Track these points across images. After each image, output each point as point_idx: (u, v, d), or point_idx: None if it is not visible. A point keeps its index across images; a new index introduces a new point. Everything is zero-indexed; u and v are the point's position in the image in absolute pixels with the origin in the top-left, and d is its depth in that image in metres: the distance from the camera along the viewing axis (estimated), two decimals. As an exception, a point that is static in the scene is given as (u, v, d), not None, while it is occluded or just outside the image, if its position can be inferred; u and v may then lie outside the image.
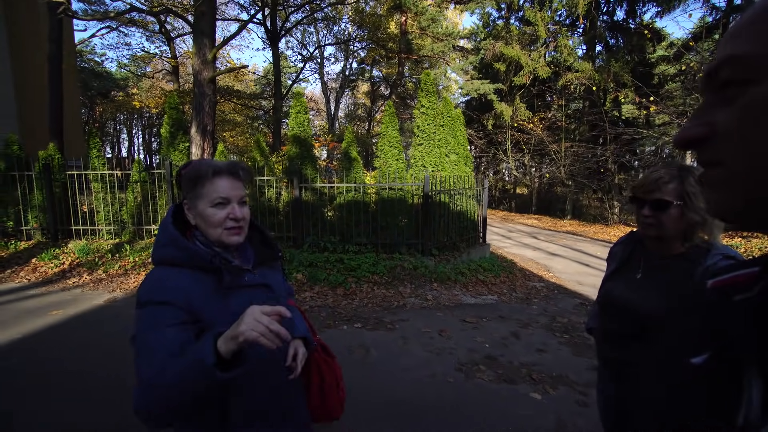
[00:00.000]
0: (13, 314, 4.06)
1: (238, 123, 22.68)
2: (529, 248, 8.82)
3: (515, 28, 14.54)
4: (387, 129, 6.26)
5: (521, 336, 3.82)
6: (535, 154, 15.43)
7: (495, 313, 4.47)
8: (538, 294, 5.34)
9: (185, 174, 0.99)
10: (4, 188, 6.26)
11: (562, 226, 12.77)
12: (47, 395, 2.61)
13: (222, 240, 0.97)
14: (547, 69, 13.30)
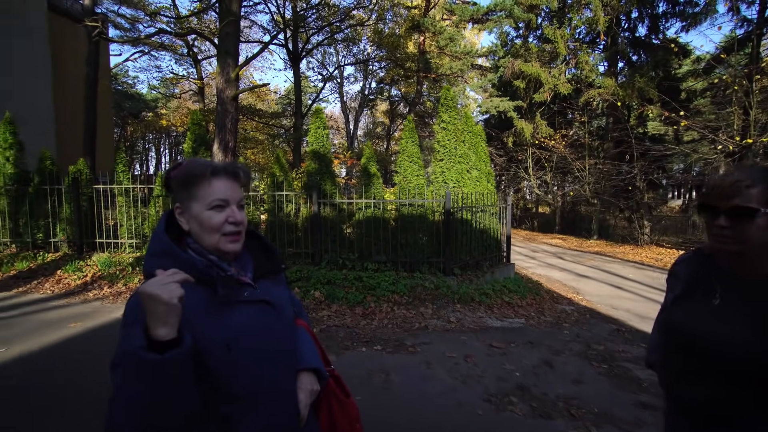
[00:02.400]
0: (34, 326, 4.06)
1: (259, 141, 23.23)
2: (555, 269, 8.44)
3: (534, 45, 14.49)
4: (407, 144, 6.18)
5: (554, 364, 3.53)
6: (557, 171, 15.07)
7: (523, 338, 4.18)
8: (569, 318, 5.01)
9: (176, 175, 0.88)
10: (36, 202, 6.45)
11: (589, 246, 12.26)
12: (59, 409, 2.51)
13: (219, 247, 0.87)
14: (568, 86, 13.11)
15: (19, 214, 6.55)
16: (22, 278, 5.67)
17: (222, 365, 0.81)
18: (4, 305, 4.73)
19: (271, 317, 0.91)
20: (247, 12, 16.13)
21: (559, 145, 13.77)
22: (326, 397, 1.04)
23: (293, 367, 0.95)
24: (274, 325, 0.91)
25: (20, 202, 6.54)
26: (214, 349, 0.80)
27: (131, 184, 6.27)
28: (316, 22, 17.29)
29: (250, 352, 0.84)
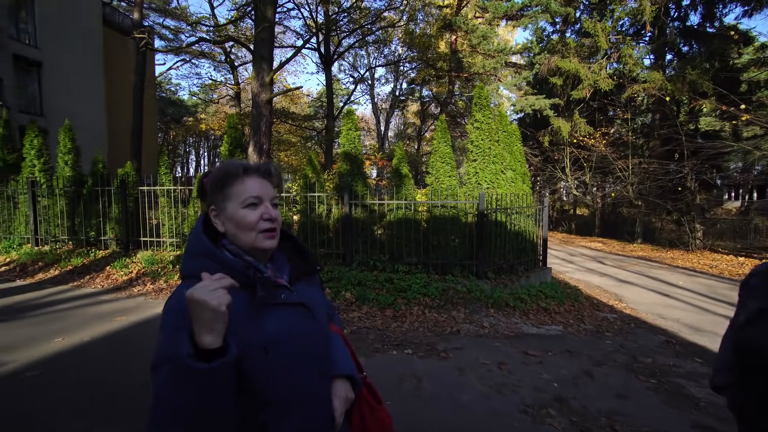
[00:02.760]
0: (86, 318, 4.33)
1: (292, 143, 23.82)
2: (595, 274, 8.02)
3: (572, 40, 13.89)
4: (439, 145, 6.07)
5: (595, 376, 3.32)
6: (597, 172, 14.36)
7: (561, 347, 3.98)
8: (611, 327, 4.72)
9: (211, 178, 0.89)
10: (89, 202, 6.92)
11: (632, 250, 11.57)
12: (106, 396, 2.64)
13: (256, 245, 0.86)
14: (609, 81, 12.45)
15: (75, 213, 7.06)
16: (77, 273, 6.09)
17: (258, 370, 0.79)
18: (62, 298, 5.09)
19: (307, 321, 0.89)
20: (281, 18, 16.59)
21: (599, 144, 13.12)
22: (358, 404, 1.01)
23: (328, 373, 0.93)
24: (309, 328, 0.90)
25: (76, 202, 7.04)
26: (251, 353, 0.78)
27: (172, 185, 6.58)
28: (347, 25, 17.50)
29: (286, 357, 0.83)
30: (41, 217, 7.14)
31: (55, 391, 2.80)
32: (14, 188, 7.34)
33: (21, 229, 7.32)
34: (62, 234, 7.06)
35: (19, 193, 7.29)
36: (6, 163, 7.71)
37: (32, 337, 3.72)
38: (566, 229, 17.74)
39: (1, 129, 7.83)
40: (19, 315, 4.37)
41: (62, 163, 7.19)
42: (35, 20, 13.75)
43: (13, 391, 2.78)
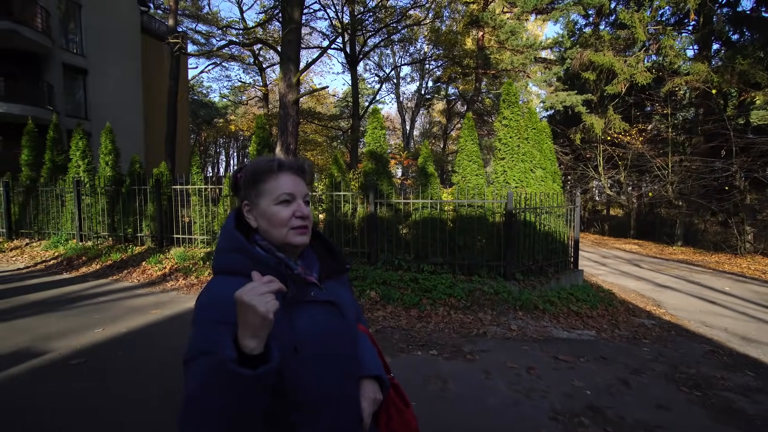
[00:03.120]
0: (124, 310, 4.54)
1: (318, 143, 24.16)
2: (630, 277, 7.64)
3: (606, 33, 13.28)
4: (466, 143, 5.96)
5: (632, 385, 3.14)
6: (632, 170, 13.69)
7: (594, 353, 3.80)
8: (649, 334, 4.47)
9: (244, 174, 0.89)
10: (127, 200, 7.27)
11: (672, 253, 10.94)
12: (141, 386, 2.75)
13: (288, 241, 0.86)
14: (647, 75, 11.81)
15: (114, 211, 7.44)
16: (115, 267, 6.42)
17: (288, 369, 0.78)
18: (102, 291, 5.38)
19: (336, 319, 0.88)
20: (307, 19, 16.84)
21: (635, 141, 12.49)
22: (386, 406, 0.99)
23: (356, 373, 0.92)
24: (338, 327, 0.88)
25: (116, 200, 7.42)
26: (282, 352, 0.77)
27: (203, 185, 6.81)
28: (373, 24, 17.55)
29: (315, 356, 0.82)
30: (85, 214, 7.57)
31: (97, 377, 2.96)
32: (62, 187, 7.82)
33: (68, 226, 7.79)
34: (103, 230, 7.46)
35: (66, 191, 7.76)
36: (55, 164, 8.23)
37: (76, 327, 3.94)
38: (599, 231, 17.02)
39: (51, 132, 8.37)
40: (65, 306, 4.65)
41: (103, 164, 7.59)
42: (82, 31, 14.62)
43: (61, 376, 2.96)
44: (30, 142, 8.55)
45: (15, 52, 12.80)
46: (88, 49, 14.72)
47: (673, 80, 11.31)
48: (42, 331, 3.83)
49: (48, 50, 13.05)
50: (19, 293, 5.12)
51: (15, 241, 8.10)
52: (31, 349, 3.42)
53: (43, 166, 8.28)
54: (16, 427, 2.33)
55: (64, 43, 14.12)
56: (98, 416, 2.46)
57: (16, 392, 2.72)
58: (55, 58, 13.43)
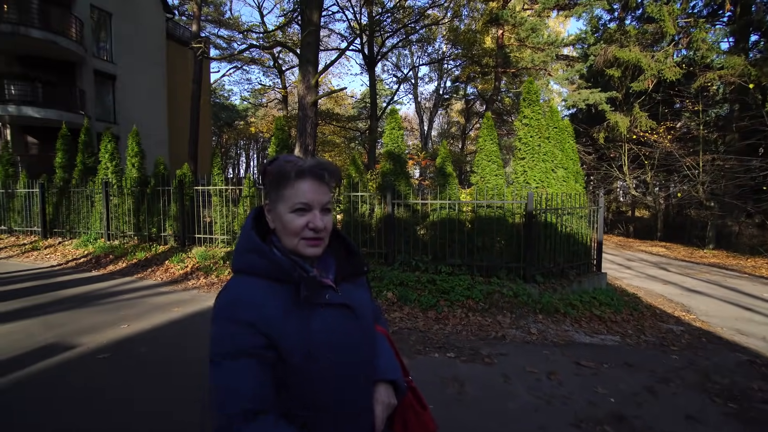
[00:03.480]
0: (147, 308, 4.68)
1: (336, 144, 24.35)
2: (657, 281, 7.35)
3: (633, 27, 12.83)
4: (485, 142, 5.87)
5: (660, 393, 3.01)
6: (659, 170, 13.17)
7: (618, 359, 3.66)
8: (677, 340, 4.27)
9: (270, 170, 0.86)
10: (152, 201, 7.51)
11: (702, 256, 10.47)
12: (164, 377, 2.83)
13: (298, 250, 0.85)
14: (676, 70, 11.34)
15: (140, 211, 7.70)
16: (140, 266, 6.63)
17: (300, 373, 0.79)
18: (127, 288, 5.57)
19: (352, 323, 0.87)
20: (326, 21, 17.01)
21: (663, 140, 12.01)
22: (403, 409, 0.97)
23: (371, 377, 0.91)
24: (353, 331, 0.87)
25: (141, 201, 7.68)
26: (294, 356, 0.78)
27: (224, 185, 6.96)
28: (391, 25, 17.55)
29: (328, 361, 0.81)
30: (112, 214, 7.87)
31: (123, 371, 3.06)
32: (91, 188, 8.15)
33: (96, 225, 8.12)
34: (129, 230, 7.73)
35: (95, 192, 8.09)
36: (86, 166, 8.59)
37: (103, 323, 4.09)
38: (623, 232, 16.46)
39: (83, 136, 8.74)
40: (93, 303, 4.83)
41: (130, 165, 7.87)
42: (112, 38, 15.23)
43: (89, 369, 3.09)
44: (63, 145, 8.95)
45: (52, 60, 13.47)
46: (117, 55, 15.31)
47: (706, 75, 10.81)
48: (72, 326, 3.99)
49: (81, 58, 13.65)
50: (52, 289, 5.36)
51: (49, 239, 8.50)
52: (62, 342, 3.57)
53: (75, 168, 8.65)
54: (44, 416, 2.43)
55: (96, 50, 14.73)
56: (118, 409, 2.54)
57: (47, 383, 2.84)
58: (87, 65, 14.04)
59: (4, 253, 7.95)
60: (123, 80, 15.46)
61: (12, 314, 4.30)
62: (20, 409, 2.50)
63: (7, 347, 3.44)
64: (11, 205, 9.17)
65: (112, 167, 8.04)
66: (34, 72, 13.09)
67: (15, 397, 2.66)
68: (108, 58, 15.19)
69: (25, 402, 2.59)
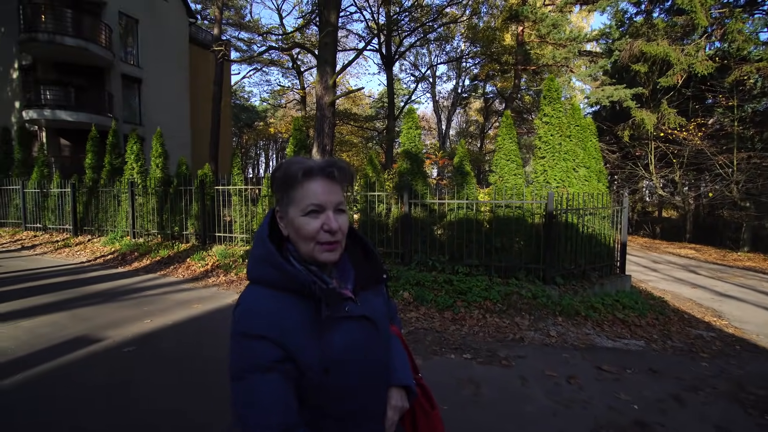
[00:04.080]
0: (169, 304, 4.82)
1: (354, 144, 24.47)
2: (686, 285, 7.05)
3: (661, 20, 12.33)
4: (504, 141, 5.76)
5: (687, 402, 2.87)
6: (689, 168, 12.63)
7: (643, 364, 3.52)
8: (708, 347, 4.08)
9: (277, 176, 0.82)
10: (174, 200, 7.74)
11: (736, 259, 9.98)
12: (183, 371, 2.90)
13: (314, 256, 0.79)
14: (708, 64, 10.82)
15: (163, 210, 7.94)
16: (163, 263, 6.84)
17: (318, 388, 0.77)
18: (151, 285, 5.75)
19: (371, 335, 0.84)
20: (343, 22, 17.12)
21: (693, 137, 11.50)
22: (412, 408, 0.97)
23: (387, 384, 0.90)
24: (373, 343, 0.85)
25: (164, 200, 7.92)
26: (312, 371, 0.75)
27: (244, 185, 7.09)
28: (408, 24, 17.49)
29: (346, 376, 0.79)
30: (137, 213, 8.15)
31: (146, 363, 3.17)
32: (118, 188, 8.47)
33: (123, 224, 8.42)
34: (153, 228, 7.99)
35: (122, 192, 8.39)
36: (113, 167, 8.93)
37: (128, 318, 4.23)
38: (649, 234, 15.88)
39: (110, 138, 9.09)
40: (118, 298, 5.01)
41: (154, 166, 8.13)
42: (138, 43, 15.79)
43: (114, 362, 3.20)
44: (93, 147, 9.34)
45: (83, 66, 14.08)
46: (142, 59, 15.86)
47: (741, 68, 10.27)
48: (99, 320, 4.15)
49: (110, 63, 14.21)
50: (81, 285, 5.60)
51: (79, 236, 8.88)
52: (90, 335, 3.72)
53: (103, 168, 9.01)
54: (71, 404, 2.53)
55: (123, 55, 15.29)
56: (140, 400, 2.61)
57: (75, 375, 2.96)
58: (115, 69, 14.59)
59: (39, 249, 8.36)
60: (148, 83, 15.99)
61: (45, 307, 4.51)
62: (51, 397, 2.62)
63: (41, 338, 3.61)
64: (46, 204, 9.63)
65: (137, 168, 8.33)
66: (67, 77, 13.71)
67: (48, 385, 2.78)
68: (134, 63, 15.74)
69: (56, 391, 2.71)
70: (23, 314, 4.27)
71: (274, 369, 0.72)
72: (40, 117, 13.06)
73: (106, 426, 2.35)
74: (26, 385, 2.79)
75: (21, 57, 14.19)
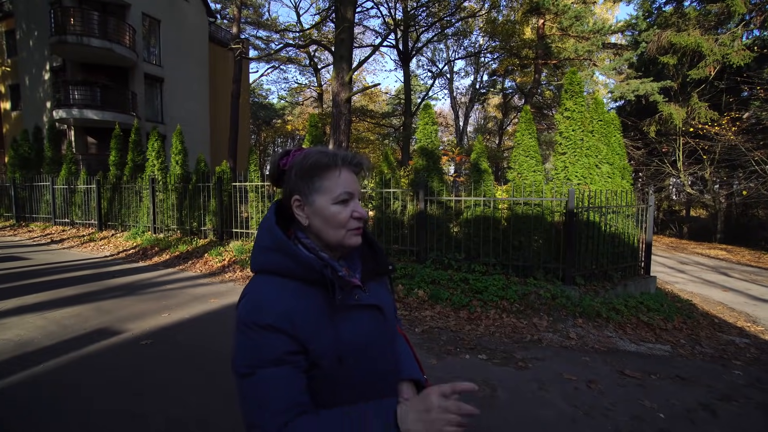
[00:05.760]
0: (187, 298, 4.91)
1: (370, 141, 24.45)
2: (716, 287, 6.72)
3: (693, 9, 11.75)
4: (523, 137, 5.60)
5: (720, 413, 2.71)
6: (721, 165, 12.03)
7: (669, 370, 3.36)
8: (741, 354, 3.86)
9: (296, 164, 0.81)
10: (193, 196, 7.88)
11: (770, 261, 9.46)
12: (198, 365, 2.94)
13: (344, 243, 0.81)
14: (745, 54, 10.25)
15: (182, 206, 8.11)
16: (182, 258, 6.98)
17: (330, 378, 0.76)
18: (169, 279, 5.87)
19: (381, 324, 0.85)
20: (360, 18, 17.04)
21: (726, 132, 10.93)
22: None
23: (396, 375, 0.89)
24: (382, 332, 0.85)
25: (183, 196, 8.08)
26: (324, 359, 0.74)
27: (260, 182, 7.15)
28: (426, 19, 17.28)
29: (357, 362, 0.78)
30: (158, 209, 8.35)
31: (163, 356, 3.22)
32: (140, 185, 8.69)
33: (144, 219, 8.65)
34: (172, 224, 8.17)
35: (143, 188, 8.61)
36: (135, 164, 9.18)
37: (147, 311, 4.33)
38: (676, 233, 15.26)
39: (133, 136, 9.34)
40: (139, 291, 5.14)
41: (174, 163, 8.30)
42: (160, 43, 16.17)
43: (133, 354, 3.28)
44: (117, 144, 9.62)
45: (108, 66, 14.55)
46: (164, 59, 16.23)
47: (779, 59, 9.70)
48: (120, 312, 4.26)
49: (133, 63, 14.60)
50: (105, 278, 5.77)
51: (104, 231, 9.18)
52: (111, 327, 3.82)
53: (126, 165, 9.27)
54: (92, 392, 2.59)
55: (146, 55, 15.69)
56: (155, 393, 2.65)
57: (96, 365, 3.03)
58: (138, 69, 14.99)
59: (66, 243, 8.68)
60: (169, 82, 16.36)
61: (71, 299, 4.67)
62: (75, 385, 2.69)
63: (66, 329, 3.73)
64: (73, 199, 10.00)
65: (158, 164, 8.52)
66: (93, 78, 14.17)
67: (71, 374, 2.86)
68: (156, 62, 16.13)
69: (79, 379, 2.80)
70: (50, 305, 4.43)
71: (286, 362, 0.71)
72: (69, 116, 13.55)
73: (123, 412, 2.40)
74: (52, 374, 2.89)
75: (51, 59, 14.76)
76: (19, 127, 15.70)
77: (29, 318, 4.03)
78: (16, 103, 17.38)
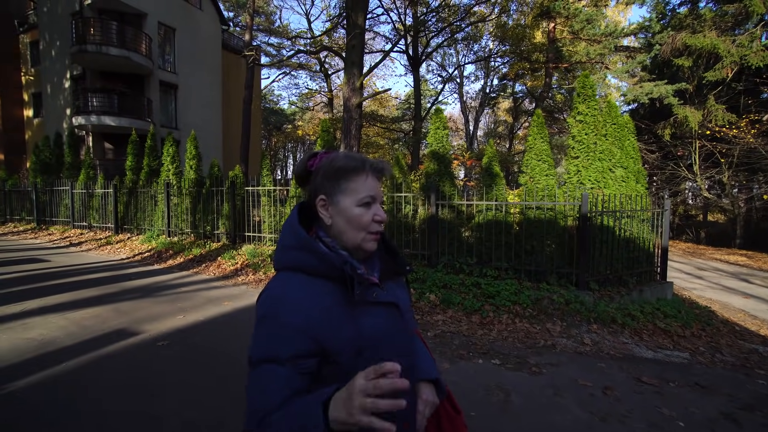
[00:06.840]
0: (201, 301, 4.98)
1: (380, 145, 24.55)
2: (736, 294, 6.55)
3: (709, 10, 11.57)
4: (535, 141, 5.57)
5: (743, 423, 2.64)
6: (740, 169, 11.75)
7: (688, 378, 3.28)
8: (765, 363, 3.75)
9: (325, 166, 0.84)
10: (207, 201, 8.02)
11: (793, 267, 9.19)
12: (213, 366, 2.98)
13: (362, 245, 0.83)
14: (765, 54, 10.01)
15: (196, 210, 8.25)
16: (196, 261, 7.09)
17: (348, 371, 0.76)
18: (184, 282, 5.97)
19: (398, 322, 0.86)
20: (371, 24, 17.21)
21: (745, 135, 10.69)
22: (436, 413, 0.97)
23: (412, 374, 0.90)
24: (399, 329, 0.87)
25: (197, 200, 8.22)
26: (342, 355, 0.76)
27: (273, 186, 7.24)
28: (436, 24, 17.36)
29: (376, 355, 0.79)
30: (173, 212, 8.50)
31: (179, 357, 3.27)
32: (155, 189, 8.88)
33: (159, 223, 8.82)
34: (186, 227, 8.31)
35: (158, 192, 8.79)
36: (151, 169, 9.38)
37: (163, 313, 4.41)
38: (692, 238, 14.92)
39: (149, 141, 9.55)
40: (154, 294, 5.23)
41: (188, 168, 8.46)
42: (175, 51, 16.55)
43: (150, 355, 3.34)
44: (133, 150, 9.85)
45: (125, 74, 14.94)
46: (179, 66, 16.61)
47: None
48: (137, 314, 4.34)
49: (149, 70, 14.97)
50: (122, 280, 5.89)
51: (120, 234, 9.38)
52: (129, 329, 3.90)
53: (141, 170, 9.48)
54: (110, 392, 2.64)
55: (161, 62, 16.08)
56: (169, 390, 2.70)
57: (115, 365, 3.10)
58: (154, 76, 15.36)
59: (84, 246, 8.90)
60: (184, 89, 16.71)
61: (90, 300, 4.79)
62: (92, 386, 2.75)
63: (86, 329, 3.83)
64: (91, 203, 10.25)
65: (173, 169, 8.70)
66: (111, 85, 14.57)
67: (89, 375, 2.93)
68: (171, 69, 16.50)
69: (98, 379, 2.86)
70: (71, 306, 4.54)
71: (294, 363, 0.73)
72: (87, 122, 13.94)
73: (139, 413, 2.45)
74: (71, 373, 2.96)
75: (72, 68, 15.23)
76: (40, 133, 16.22)
77: (52, 318, 4.14)
78: (39, 110, 17.97)
